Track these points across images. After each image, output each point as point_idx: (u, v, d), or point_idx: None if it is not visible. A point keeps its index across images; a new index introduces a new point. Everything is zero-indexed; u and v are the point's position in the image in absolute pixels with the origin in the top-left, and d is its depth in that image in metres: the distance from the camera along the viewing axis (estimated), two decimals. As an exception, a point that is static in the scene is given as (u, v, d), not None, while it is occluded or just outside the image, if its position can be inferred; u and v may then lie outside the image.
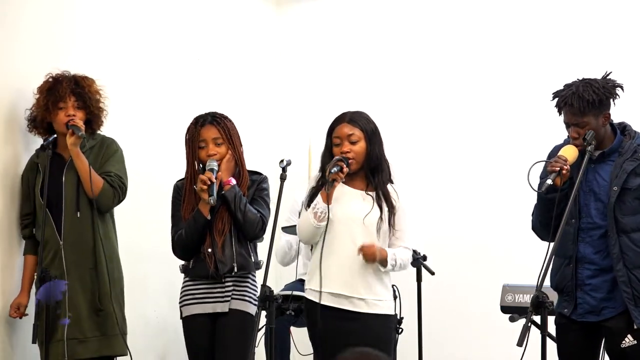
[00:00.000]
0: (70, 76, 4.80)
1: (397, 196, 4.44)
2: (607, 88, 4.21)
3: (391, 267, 4.38)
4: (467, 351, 6.23)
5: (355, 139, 4.42)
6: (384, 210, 4.38)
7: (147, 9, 5.78)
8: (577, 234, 4.24)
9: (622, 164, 4.20)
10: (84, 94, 4.77)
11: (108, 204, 4.77)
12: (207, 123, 4.74)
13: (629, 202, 4.18)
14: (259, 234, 4.74)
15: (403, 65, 6.67)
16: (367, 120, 4.50)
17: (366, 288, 4.36)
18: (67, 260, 4.67)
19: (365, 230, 4.37)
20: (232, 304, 4.65)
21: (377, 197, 4.40)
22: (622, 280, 4.15)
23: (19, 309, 4.71)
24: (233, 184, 4.65)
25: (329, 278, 4.35)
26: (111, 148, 4.86)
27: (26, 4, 4.98)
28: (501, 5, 6.44)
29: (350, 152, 4.40)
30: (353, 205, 4.40)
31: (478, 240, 6.30)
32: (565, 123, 4.27)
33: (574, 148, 4.20)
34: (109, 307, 4.71)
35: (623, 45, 6.04)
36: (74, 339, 4.62)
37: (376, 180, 4.42)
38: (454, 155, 6.48)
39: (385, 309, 4.40)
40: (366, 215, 4.36)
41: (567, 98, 4.20)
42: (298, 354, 5.46)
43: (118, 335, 4.74)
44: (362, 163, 4.42)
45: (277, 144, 6.88)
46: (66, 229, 4.69)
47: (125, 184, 4.83)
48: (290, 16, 7.04)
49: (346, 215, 4.38)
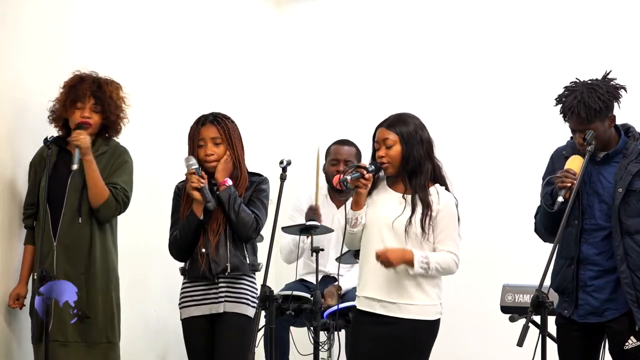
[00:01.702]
0: (95, 77, 4.77)
1: (438, 198, 4.33)
2: (611, 92, 4.20)
3: (422, 270, 4.25)
4: (467, 351, 6.23)
5: (390, 143, 4.35)
6: (416, 212, 4.29)
7: (147, 10, 5.79)
8: (580, 235, 4.24)
9: (626, 166, 4.20)
10: (105, 99, 4.73)
11: (108, 216, 4.73)
12: (207, 122, 4.75)
13: (634, 204, 4.18)
14: (252, 235, 4.72)
15: (403, 65, 6.66)
16: (405, 123, 4.41)
17: (400, 292, 4.28)
18: (57, 262, 4.63)
19: (395, 234, 4.30)
20: (227, 307, 4.65)
21: (412, 199, 4.32)
22: (625, 282, 4.15)
23: (17, 299, 4.70)
24: (228, 185, 4.65)
25: (365, 283, 4.34)
26: (122, 158, 4.82)
27: (26, 4, 4.98)
28: (504, 6, 6.44)
29: (384, 157, 4.34)
30: (387, 208, 4.34)
31: (478, 240, 6.28)
32: (571, 128, 4.26)
33: (580, 158, 4.19)
34: (95, 315, 4.65)
35: (626, 45, 6.03)
36: (56, 341, 4.57)
37: (413, 183, 4.34)
38: (454, 155, 6.44)
39: (420, 313, 4.30)
40: (396, 219, 4.30)
41: (573, 107, 4.17)
42: (298, 354, 5.45)
43: (102, 345, 4.68)
44: (398, 167, 4.36)
45: (277, 143, 6.89)
46: (62, 231, 4.66)
47: (128, 197, 4.79)
48: (290, 16, 7.04)
49: (378, 219, 4.33)
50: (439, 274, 4.34)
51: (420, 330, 4.32)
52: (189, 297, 4.73)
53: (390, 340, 4.27)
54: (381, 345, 4.27)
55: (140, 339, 5.47)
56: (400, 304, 4.29)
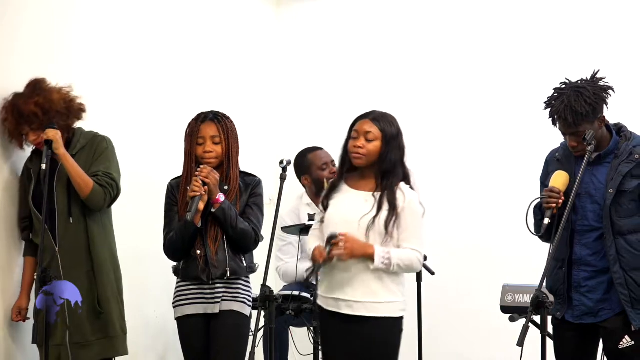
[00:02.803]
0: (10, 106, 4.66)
1: (404, 198, 4.31)
2: (598, 95, 4.19)
3: (383, 265, 4.24)
4: (467, 351, 6.24)
5: (371, 138, 4.34)
6: (382, 211, 4.28)
7: (147, 9, 5.78)
8: (572, 237, 4.24)
9: (617, 167, 4.20)
10: (26, 116, 4.62)
11: (100, 204, 4.70)
12: (207, 120, 4.74)
13: (625, 204, 4.18)
14: (251, 247, 4.73)
15: (403, 65, 6.67)
16: (391, 124, 4.40)
17: (363, 291, 4.28)
18: (63, 265, 4.64)
19: (360, 232, 4.27)
20: (223, 305, 4.64)
21: (380, 198, 4.32)
22: (618, 282, 4.16)
23: (20, 312, 4.72)
24: (222, 201, 4.60)
25: (329, 283, 4.34)
26: (101, 146, 4.78)
27: (26, 4, 4.98)
28: (503, 6, 6.44)
29: (362, 148, 4.34)
30: (352, 207, 4.33)
31: (478, 240, 6.30)
32: (561, 131, 4.27)
33: (564, 174, 4.19)
34: (108, 309, 4.71)
35: (622, 45, 6.04)
36: (76, 343, 4.60)
37: (385, 183, 4.33)
38: (454, 155, 6.48)
39: (386, 311, 4.30)
40: (363, 217, 4.28)
41: (560, 112, 4.18)
42: (298, 354, 5.46)
43: (119, 336, 4.75)
44: (373, 163, 4.35)
45: (277, 144, 6.89)
46: (61, 235, 4.66)
47: (115, 179, 4.74)
48: (289, 16, 7.04)
49: (342, 217, 4.32)
50: (401, 270, 4.32)
51: (387, 328, 4.31)
52: (183, 296, 4.73)
53: (359, 339, 4.27)
54: (351, 345, 4.26)
55: (140, 339, 5.46)
56: (366, 303, 4.28)
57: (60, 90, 4.74)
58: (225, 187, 4.68)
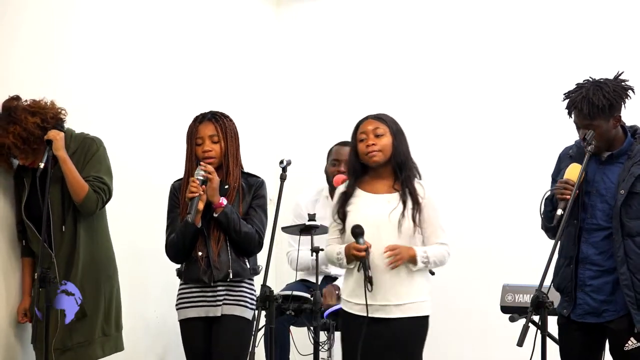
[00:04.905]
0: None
1: (423, 192, 4.37)
2: (617, 92, 4.19)
3: (423, 265, 4.32)
4: (467, 351, 6.24)
5: (380, 132, 4.37)
6: (407, 206, 4.32)
7: (146, 9, 5.78)
8: (579, 235, 4.24)
9: (630, 168, 4.19)
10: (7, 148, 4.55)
11: (92, 209, 4.64)
12: (205, 120, 4.75)
13: (635, 206, 4.17)
14: (255, 250, 4.73)
15: (403, 65, 6.67)
16: (393, 121, 4.47)
17: (395, 293, 4.30)
18: (59, 273, 4.61)
19: (392, 229, 4.30)
20: (225, 309, 4.64)
21: (402, 193, 4.34)
22: (625, 283, 4.14)
23: (25, 314, 4.71)
24: (224, 205, 4.61)
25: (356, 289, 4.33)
26: (91, 149, 4.72)
27: (26, 4, 4.97)
28: (505, 5, 6.44)
29: (375, 145, 4.35)
30: (376, 207, 4.34)
31: (478, 240, 6.30)
32: (576, 124, 4.26)
33: (579, 167, 4.19)
34: (92, 312, 4.64)
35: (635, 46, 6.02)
36: (56, 349, 4.56)
37: (403, 176, 4.36)
38: (454, 156, 6.48)
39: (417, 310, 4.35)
40: (391, 212, 4.30)
41: (577, 102, 4.18)
42: (298, 354, 5.45)
43: (99, 339, 4.68)
44: (390, 157, 4.37)
45: (277, 144, 6.89)
46: (56, 242, 4.64)
47: (106, 182, 4.69)
48: (289, 16, 7.05)
49: (370, 218, 4.32)
50: (436, 266, 4.43)
51: (418, 327, 4.36)
52: (186, 298, 4.73)
53: (389, 339, 4.28)
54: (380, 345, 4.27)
55: (140, 339, 5.46)
56: (400, 305, 4.31)
57: (32, 110, 4.58)
58: (225, 186, 4.68)
